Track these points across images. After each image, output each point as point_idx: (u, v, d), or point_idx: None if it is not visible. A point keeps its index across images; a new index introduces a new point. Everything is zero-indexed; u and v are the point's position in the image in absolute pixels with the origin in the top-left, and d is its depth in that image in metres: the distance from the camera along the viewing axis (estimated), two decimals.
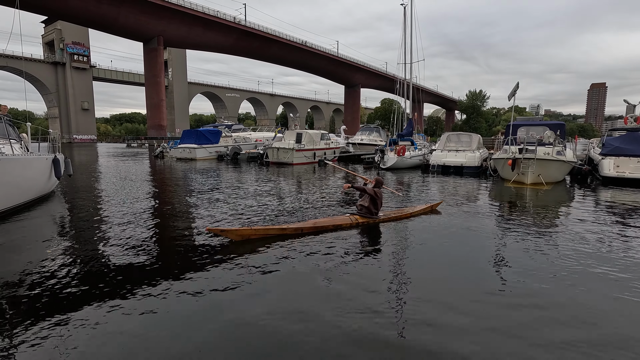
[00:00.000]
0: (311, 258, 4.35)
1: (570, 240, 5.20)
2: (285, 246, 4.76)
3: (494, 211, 7.72)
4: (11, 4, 8.35)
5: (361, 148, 25.72)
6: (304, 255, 4.45)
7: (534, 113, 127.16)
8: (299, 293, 3.40)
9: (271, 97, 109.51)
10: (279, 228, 5.29)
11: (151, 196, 9.24)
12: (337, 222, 5.69)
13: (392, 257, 4.50)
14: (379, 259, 4.45)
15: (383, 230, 5.71)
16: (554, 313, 3.05)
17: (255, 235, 5.03)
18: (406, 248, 4.90)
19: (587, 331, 2.78)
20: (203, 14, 57.73)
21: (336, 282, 3.66)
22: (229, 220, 6.34)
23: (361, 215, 5.96)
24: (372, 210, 6.01)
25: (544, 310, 3.08)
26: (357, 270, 4.01)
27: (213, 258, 4.29)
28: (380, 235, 5.53)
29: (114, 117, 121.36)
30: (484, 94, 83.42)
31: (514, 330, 2.77)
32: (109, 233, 5.46)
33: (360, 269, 4.08)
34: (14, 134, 8.25)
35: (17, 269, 4.00)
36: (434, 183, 12.19)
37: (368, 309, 3.07)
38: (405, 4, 22.72)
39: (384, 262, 4.33)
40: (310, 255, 4.43)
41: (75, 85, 71.60)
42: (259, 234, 5.08)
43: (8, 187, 6.38)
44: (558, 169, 11.90)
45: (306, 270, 3.96)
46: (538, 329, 2.78)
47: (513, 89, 12.47)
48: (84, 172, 14.90)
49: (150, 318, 2.91)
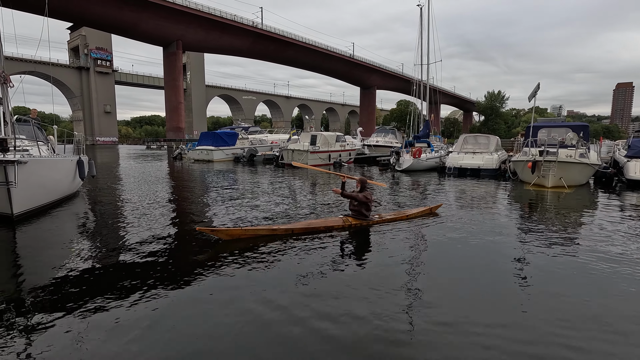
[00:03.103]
0: (297, 259, 4.34)
1: (593, 245, 5.03)
2: (274, 247, 4.76)
3: (504, 213, 7.52)
4: (40, 12, 8.72)
5: (376, 150, 25.59)
6: (290, 256, 4.45)
7: (556, 114, 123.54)
8: (276, 297, 3.33)
9: (287, 99, 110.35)
10: (270, 228, 5.30)
11: (169, 197, 9.46)
12: (328, 224, 5.62)
13: (379, 259, 4.45)
14: (365, 261, 4.42)
15: (375, 232, 5.59)
16: (578, 326, 2.96)
17: (245, 235, 5.06)
18: (395, 250, 4.77)
19: (612, 344, 2.69)
20: (220, 18, 58.84)
21: (315, 285, 3.63)
22: (239, 219, 6.42)
23: (354, 217, 5.87)
24: (364, 213, 5.89)
25: (570, 331, 2.87)
26: (339, 272, 3.98)
27: (225, 259, 4.36)
28: (370, 237, 5.43)
29: (134, 119, 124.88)
30: (503, 95, 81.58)
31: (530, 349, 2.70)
32: (127, 233, 5.62)
33: (345, 270, 4.06)
34: (42, 137, 8.62)
35: (43, 265, 4.18)
36: (449, 185, 12.01)
37: (347, 312, 3.03)
38: (422, 5, 22.55)
39: (370, 264, 4.31)
40: (297, 256, 4.43)
41: (98, 89, 74.14)
42: (248, 234, 5.10)
43: (36, 187, 6.66)
44: (581, 172, 11.53)
45: (285, 273, 3.91)
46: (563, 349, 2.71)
47: (534, 89, 12.17)
48: (107, 173, 15.38)
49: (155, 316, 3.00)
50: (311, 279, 3.79)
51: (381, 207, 7.71)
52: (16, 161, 5.83)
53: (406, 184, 12.53)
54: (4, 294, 3.42)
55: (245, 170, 17.49)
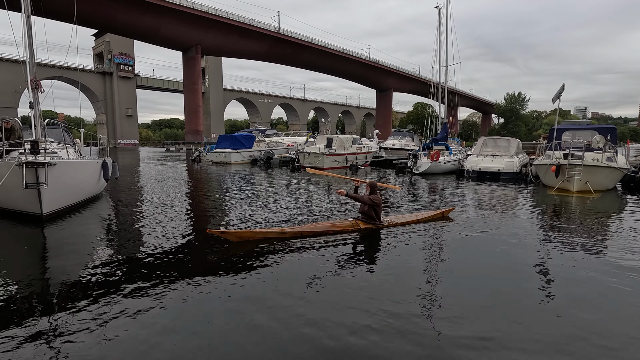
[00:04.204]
0: (304, 262, 4.34)
1: (622, 253, 4.83)
2: (282, 249, 4.78)
3: (525, 218, 7.30)
4: (70, 20, 9.10)
5: (393, 153, 25.36)
6: (298, 258, 4.46)
7: (580, 116, 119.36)
8: (286, 298, 3.35)
9: (303, 102, 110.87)
10: (278, 231, 5.31)
11: (187, 198, 9.65)
12: (337, 227, 5.59)
13: (387, 264, 4.40)
14: (374, 265, 4.38)
15: (383, 236, 5.51)
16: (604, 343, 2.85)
17: (254, 237, 5.10)
18: (402, 255, 4.70)
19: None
20: (238, 22, 59.79)
21: (322, 287, 3.63)
22: (253, 221, 6.47)
23: (363, 221, 5.80)
24: (373, 216, 5.81)
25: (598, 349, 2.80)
26: (348, 275, 3.96)
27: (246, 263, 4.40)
28: (380, 241, 5.36)
29: (154, 122, 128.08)
30: (524, 97, 79.47)
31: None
32: (146, 234, 5.75)
33: (352, 273, 4.04)
34: (69, 140, 8.96)
35: (69, 262, 4.34)
36: (467, 189, 11.78)
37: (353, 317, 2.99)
38: (440, 7, 22.28)
39: (378, 268, 4.28)
40: (305, 259, 4.43)
41: (120, 93, 76.45)
42: (257, 236, 5.14)
43: (64, 189, 6.91)
44: (608, 176, 11.10)
45: (293, 275, 3.93)
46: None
47: (558, 90, 11.83)
48: (129, 175, 15.82)
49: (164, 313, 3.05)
50: (316, 282, 3.78)
51: (395, 210, 7.64)
52: (47, 163, 6.08)
53: (423, 187, 12.37)
54: (34, 287, 3.57)
55: (262, 172, 17.65)
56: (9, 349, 2.52)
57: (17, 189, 6.07)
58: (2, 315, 3.02)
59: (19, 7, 7.44)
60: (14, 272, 4.12)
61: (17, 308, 3.17)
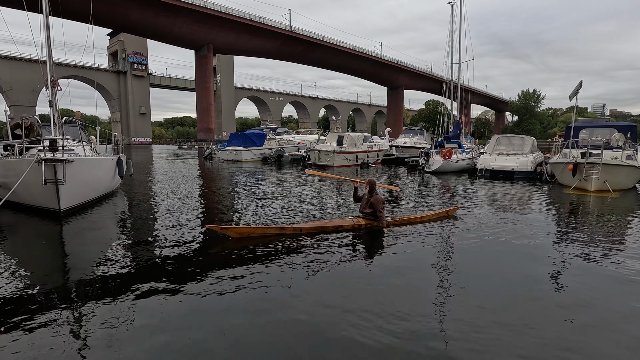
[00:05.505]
0: (304, 260, 4.31)
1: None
2: (281, 246, 4.78)
3: (540, 218, 7.13)
4: (86, 20, 9.27)
5: (405, 151, 25.15)
6: (296, 256, 4.44)
7: (598, 114, 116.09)
8: (284, 295, 3.36)
9: (313, 100, 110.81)
10: (278, 227, 5.33)
11: (199, 195, 9.76)
12: (338, 224, 5.57)
13: (387, 262, 4.36)
14: (374, 264, 4.34)
15: (385, 235, 5.44)
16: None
17: (254, 234, 5.12)
18: (403, 253, 4.66)
19: None
20: (250, 21, 60.02)
21: (321, 284, 3.63)
22: (259, 217, 6.49)
23: (364, 219, 5.75)
24: (374, 215, 5.76)
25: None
26: (347, 272, 3.95)
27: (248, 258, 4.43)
28: (380, 239, 5.30)
29: (167, 120, 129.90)
30: (539, 94, 77.70)
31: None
32: (157, 231, 5.81)
33: (351, 270, 4.04)
34: (85, 137, 9.15)
35: (84, 256, 4.45)
36: (479, 188, 11.60)
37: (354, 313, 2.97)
38: (453, 3, 21.95)
39: (378, 267, 4.23)
40: (304, 257, 4.40)
41: (134, 91, 77.75)
42: (257, 232, 5.16)
43: (81, 185, 7.07)
44: (627, 176, 10.79)
45: (293, 275, 3.88)
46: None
47: (575, 87, 11.54)
48: (142, 172, 16.08)
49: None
50: (313, 278, 3.78)
51: (399, 209, 7.59)
52: (65, 160, 6.22)
53: (434, 185, 12.23)
54: (51, 280, 3.67)
55: (273, 170, 17.72)
56: (28, 341, 2.59)
57: (36, 185, 6.23)
58: (19, 307, 3.11)
59: (37, 7, 7.62)
60: (33, 265, 4.24)
61: (35, 300, 3.25)
